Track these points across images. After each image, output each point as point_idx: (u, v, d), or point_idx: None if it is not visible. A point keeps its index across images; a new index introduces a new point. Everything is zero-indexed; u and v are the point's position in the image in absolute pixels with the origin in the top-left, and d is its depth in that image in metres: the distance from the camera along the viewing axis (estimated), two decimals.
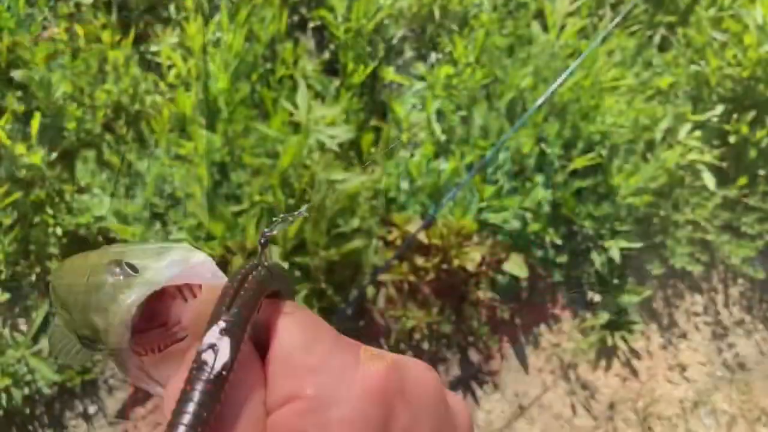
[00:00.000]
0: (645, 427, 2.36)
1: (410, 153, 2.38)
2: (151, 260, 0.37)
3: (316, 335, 0.32)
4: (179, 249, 0.38)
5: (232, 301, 0.31)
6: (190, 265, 0.36)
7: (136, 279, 0.35)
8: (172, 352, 0.36)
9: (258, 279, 0.33)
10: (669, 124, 2.49)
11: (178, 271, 0.36)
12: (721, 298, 2.66)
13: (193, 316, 0.36)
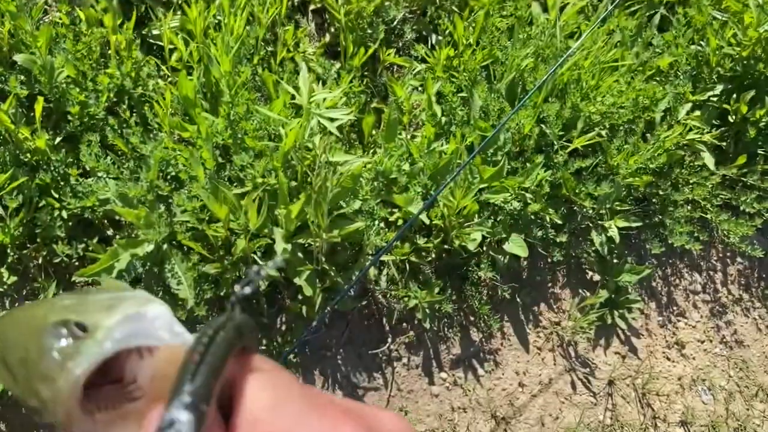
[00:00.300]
0: (644, 403, 2.40)
1: (411, 135, 2.39)
2: (101, 315, 0.34)
3: (285, 397, 0.30)
4: (132, 300, 0.35)
5: (197, 369, 0.29)
6: (145, 321, 0.34)
7: (84, 344, 0.32)
8: (128, 412, 0.34)
9: (226, 342, 0.31)
10: (669, 104, 2.50)
11: (132, 329, 0.33)
12: (719, 276, 2.68)
13: (150, 375, 0.34)
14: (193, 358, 0.29)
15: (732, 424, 2.46)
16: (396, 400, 2.19)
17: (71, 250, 1.94)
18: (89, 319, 0.33)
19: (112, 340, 0.32)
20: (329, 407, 0.30)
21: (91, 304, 0.35)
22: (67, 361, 0.32)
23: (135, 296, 0.36)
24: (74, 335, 0.33)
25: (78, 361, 0.31)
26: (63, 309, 0.35)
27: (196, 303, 1.94)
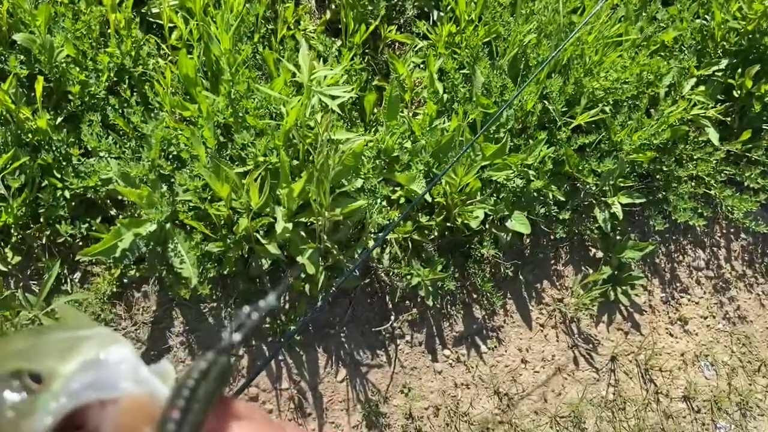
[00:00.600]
0: (646, 378, 2.41)
1: (413, 112, 2.38)
2: (58, 362, 0.31)
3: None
4: (92, 342, 0.32)
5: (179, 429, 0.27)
6: (107, 368, 0.31)
7: (39, 398, 0.29)
8: None
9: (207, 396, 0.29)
10: (673, 79, 2.47)
11: (91, 379, 0.30)
12: (723, 252, 2.68)
13: (113, 427, 0.31)
14: (172, 415, 0.27)
15: (734, 399, 2.47)
16: (399, 377, 2.20)
17: (74, 230, 1.95)
18: (44, 366, 0.30)
19: (70, 392, 0.29)
20: None
21: (47, 347, 0.32)
22: (20, 419, 0.29)
23: (95, 335, 0.33)
24: (28, 388, 0.30)
25: (33, 421, 0.28)
26: (15, 355, 0.31)
27: (200, 282, 1.94)
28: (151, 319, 2.04)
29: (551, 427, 2.28)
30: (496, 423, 2.24)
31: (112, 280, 2.01)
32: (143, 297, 2.06)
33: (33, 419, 0.28)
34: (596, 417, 2.32)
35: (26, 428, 0.28)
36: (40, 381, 0.30)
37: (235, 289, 2.08)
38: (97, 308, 1.97)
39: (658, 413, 2.39)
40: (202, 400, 0.28)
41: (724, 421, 2.44)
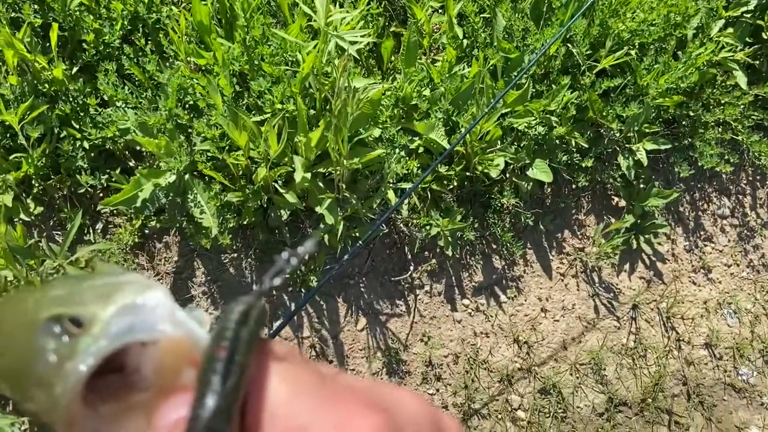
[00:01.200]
0: (668, 326, 2.40)
1: (431, 59, 2.33)
2: (96, 306, 0.31)
3: (302, 388, 0.29)
4: (129, 287, 0.33)
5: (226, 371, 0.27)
6: (145, 312, 0.31)
7: (81, 341, 0.30)
8: (133, 404, 0.31)
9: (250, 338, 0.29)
10: (701, 21, 2.38)
11: (131, 322, 0.31)
12: (748, 200, 2.62)
13: (154, 367, 0.32)
14: (218, 353, 0.28)
15: (757, 346, 2.45)
16: (419, 326, 2.21)
17: (95, 180, 1.95)
18: (84, 312, 0.31)
19: (110, 335, 0.30)
20: (346, 397, 0.29)
21: (85, 293, 0.33)
22: (64, 362, 0.29)
23: (132, 282, 0.33)
24: (69, 332, 0.30)
25: (75, 362, 0.29)
26: (54, 301, 0.32)
27: (220, 232, 1.95)
28: (174, 269, 2.06)
29: (571, 374, 2.29)
30: (515, 370, 2.25)
31: (134, 230, 2.02)
32: (165, 247, 2.07)
33: (75, 361, 0.29)
34: (616, 364, 2.33)
35: (69, 370, 0.29)
36: (81, 325, 0.30)
37: (254, 239, 2.09)
38: (120, 258, 1.98)
39: (680, 360, 2.39)
40: (245, 340, 0.29)
41: (746, 368, 2.43)
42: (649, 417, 2.31)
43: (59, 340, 0.30)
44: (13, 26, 1.90)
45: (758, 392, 2.42)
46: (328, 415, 0.28)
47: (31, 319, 0.31)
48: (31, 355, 0.30)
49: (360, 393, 0.30)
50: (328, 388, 0.29)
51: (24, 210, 1.94)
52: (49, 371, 0.29)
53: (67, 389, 0.29)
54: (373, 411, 0.28)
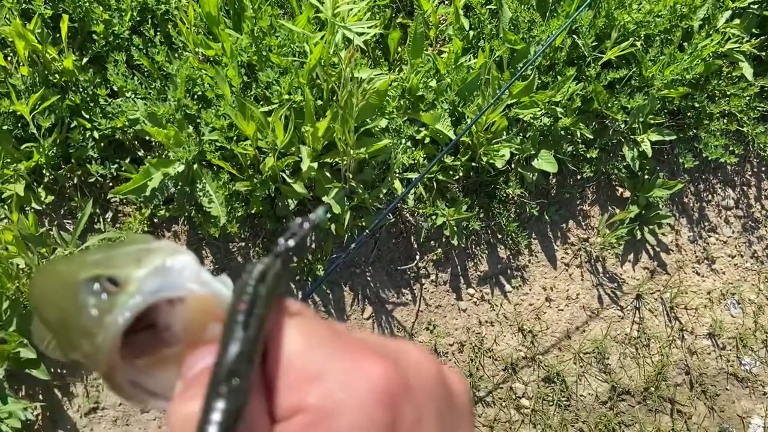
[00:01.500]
0: (671, 316, 2.42)
1: (438, 50, 2.34)
2: (131, 268, 0.35)
3: (316, 342, 0.31)
4: (160, 252, 0.36)
5: (247, 321, 0.30)
6: (173, 273, 0.35)
7: (118, 297, 0.34)
8: (165, 357, 0.35)
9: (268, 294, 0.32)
10: (707, 12, 2.38)
11: (161, 282, 0.34)
12: (753, 191, 2.63)
13: (183, 323, 0.35)
14: (239, 307, 0.30)
15: (760, 336, 2.47)
16: (424, 314, 2.24)
17: (105, 170, 1.98)
18: (120, 273, 0.35)
19: (143, 292, 0.34)
20: (357, 347, 0.31)
21: (120, 258, 0.36)
22: (104, 315, 0.33)
23: (162, 247, 0.37)
24: (107, 290, 0.34)
25: (114, 315, 0.33)
26: (93, 264, 0.36)
27: (228, 221, 1.98)
28: None
29: (575, 363, 2.31)
30: (519, 359, 2.27)
31: (143, 219, 2.05)
32: (174, 236, 2.10)
33: (113, 314, 0.33)
34: (620, 353, 2.35)
35: (108, 322, 0.33)
36: (117, 285, 0.34)
37: (262, 228, 2.11)
38: None
39: (683, 350, 2.41)
40: (263, 296, 0.31)
41: (749, 358, 2.45)
42: (651, 406, 2.33)
43: (99, 297, 0.34)
44: (24, 17, 1.93)
45: (761, 382, 2.43)
46: (339, 363, 0.30)
47: (74, 279, 0.35)
48: (76, 310, 0.34)
49: (369, 344, 0.32)
50: (341, 340, 0.32)
51: (35, 199, 1.97)
52: (91, 323, 0.33)
53: (108, 338, 0.33)
54: (380, 358, 0.30)
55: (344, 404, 0.28)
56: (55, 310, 0.37)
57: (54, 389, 1.96)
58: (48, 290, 0.39)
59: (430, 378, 0.33)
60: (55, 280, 0.39)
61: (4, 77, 1.87)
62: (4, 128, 1.89)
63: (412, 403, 0.30)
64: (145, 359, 0.35)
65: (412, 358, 0.33)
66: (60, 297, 0.37)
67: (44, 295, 0.40)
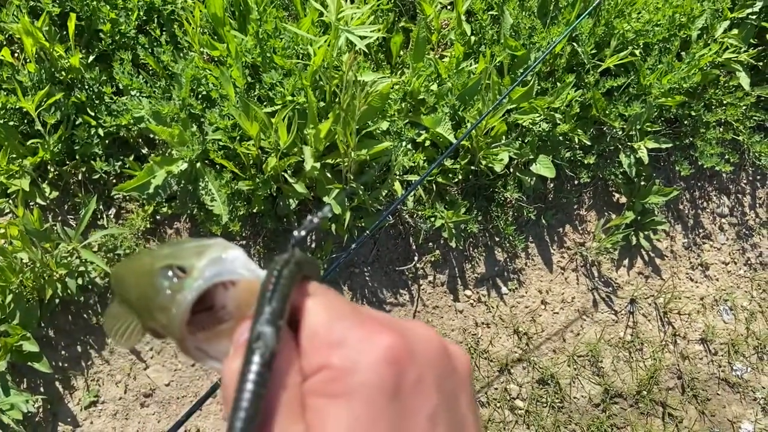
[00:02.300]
0: (665, 321, 2.46)
1: (439, 54, 2.37)
2: (194, 259, 0.44)
3: (337, 314, 0.38)
4: (216, 247, 0.45)
5: (272, 296, 0.37)
6: (227, 262, 0.44)
7: (186, 281, 0.43)
8: (221, 331, 0.43)
9: (290, 274, 0.39)
10: (706, 22, 2.42)
11: (218, 269, 0.43)
12: (748, 199, 2.67)
13: (235, 303, 0.44)
14: (268, 287, 0.38)
15: (752, 342, 2.50)
16: (421, 315, 2.27)
17: (109, 166, 2.01)
18: (186, 263, 0.44)
19: (205, 277, 0.42)
20: (371, 321, 0.38)
21: (185, 251, 0.46)
22: (176, 294, 0.42)
23: (217, 243, 0.46)
24: (177, 276, 0.43)
25: (184, 294, 0.42)
26: (165, 257, 0.45)
27: (230, 219, 2.00)
28: None
29: (569, 365, 2.34)
30: (515, 360, 2.31)
31: (146, 216, 2.08)
32: (176, 233, 2.13)
33: (183, 293, 0.42)
34: (613, 356, 2.38)
35: (179, 299, 0.42)
36: (185, 272, 0.43)
37: (263, 227, 2.14)
38: (132, 243, 2.04)
39: (675, 354, 2.44)
40: (286, 276, 0.39)
41: (740, 364, 2.48)
42: (643, 409, 2.37)
43: (171, 280, 0.44)
44: (32, 15, 1.95)
45: (752, 387, 2.47)
46: (356, 332, 0.37)
47: (151, 268, 0.45)
48: (154, 291, 0.44)
49: (382, 319, 0.39)
50: (358, 315, 0.39)
51: (40, 194, 1.99)
52: (166, 300, 0.43)
53: (180, 311, 0.42)
54: (389, 330, 0.37)
55: (359, 364, 0.35)
56: (136, 291, 0.47)
57: (55, 382, 1.98)
58: (129, 277, 0.49)
59: (432, 348, 0.39)
60: (135, 269, 0.49)
61: (11, 74, 1.90)
62: (11, 124, 1.92)
63: (414, 366, 0.36)
64: (205, 333, 0.44)
65: (418, 332, 0.39)
66: (140, 281, 0.46)
67: (126, 281, 0.50)
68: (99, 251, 2.02)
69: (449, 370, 0.40)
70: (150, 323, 0.46)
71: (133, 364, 2.05)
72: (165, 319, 0.43)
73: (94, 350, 2.04)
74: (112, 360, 2.04)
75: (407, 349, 0.37)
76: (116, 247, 2.03)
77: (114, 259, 2.03)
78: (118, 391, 2.03)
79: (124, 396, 2.03)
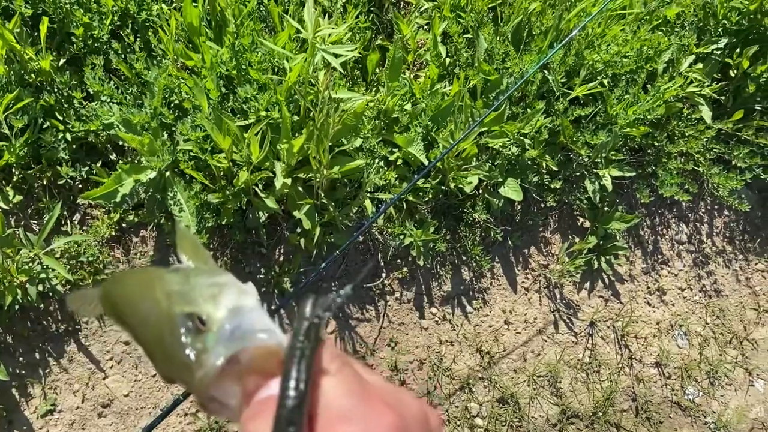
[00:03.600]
0: (622, 344, 2.52)
1: (414, 74, 2.40)
2: (212, 307, 0.46)
3: (348, 389, 0.43)
4: (230, 292, 0.48)
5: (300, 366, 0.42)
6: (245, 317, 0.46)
7: (209, 338, 0.45)
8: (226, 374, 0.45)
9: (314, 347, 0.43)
10: (672, 56, 2.50)
11: (236, 324, 0.46)
12: (705, 228, 2.76)
13: (249, 358, 0.45)
14: (295, 356, 0.42)
15: (705, 367, 2.59)
16: (387, 331, 2.29)
17: (75, 172, 1.98)
18: (202, 311, 0.46)
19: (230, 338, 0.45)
20: (375, 397, 0.43)
21: (199, 291, 0.48)
22: (200, 355, 0.44)
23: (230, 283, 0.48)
24: (198, 329, 0.45)
25: (210, 359, 0.44)
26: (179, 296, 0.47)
27: (198, 230, 1.99)
28: (149, 263, 2.09)
29: (528, 385, 2.39)
30: (476, 379, 2.34)
31: (111, 223, 2.05)
32: (141, 242, 2.10)
33: (209, 357, 0.44)
34: (571, 378, 2.44)
35: (206, 363, 0.44)
36: (204, 323, 0.45)
37: (231, 239, 2.13)
38: (96, 250, 2.01)
39: (631, 377, 2.51)
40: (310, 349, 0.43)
41: (692, 388, 2.56)
42: (598, 430, 2.42)
43: (192, 333, 0.45)
44: (2, 16, 1.91)
45: (702, 412, 2.55)
46: (363, 409, 0.42)
47: (169, 311, 0.47)
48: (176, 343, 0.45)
49: (383, 394, 0.44)
50: (365, 391, 0.44)
51: (3, 198, 1.95)
52: (190, 359, 0.44)
53: (207, 377, 0.44)
54: (391, 409, 0.42)
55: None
56: (152, 333, 0.48)
57: (12, 389, 1.94)
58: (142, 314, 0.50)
59: (420, 419, 0.45)
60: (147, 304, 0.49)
61: None
62: None
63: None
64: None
65: (410, 408, 0.45)
66: (159, 325, 0.47)
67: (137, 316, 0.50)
68: (61, 258, 1.99)
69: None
70: (166, 371, 0.47)
71: (92, 374, 2.02)
72: (189, 377, 0.45)
73: (53, 358, 2.00)
74: (71, 368, 2.01)
75: (404, 426, 0.42)
76: (79, 254, 2.00)
77: (77, 266, 1.99)
78: (75, 401, 2.00)
79: (82, 405, 2.00)
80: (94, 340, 2.03)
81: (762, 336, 2.74)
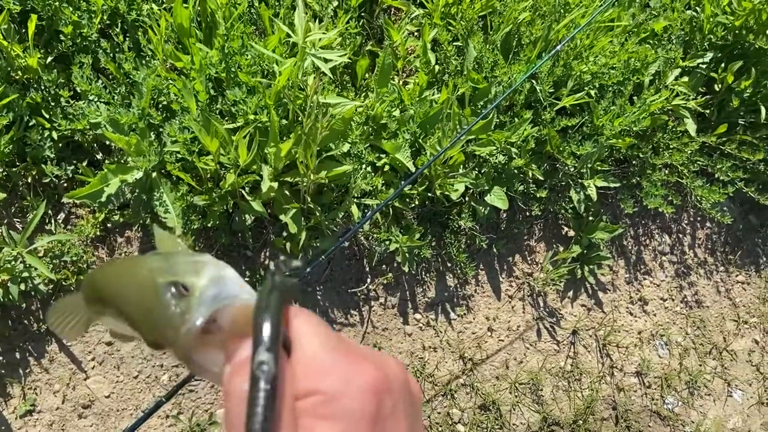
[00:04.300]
0: (603, 353, 2.55)
1: (403, 81, 2.41)
2: (194, 278, 0.48)
3: (327, 344, 0.44)
4: (211, 265, 0.49)
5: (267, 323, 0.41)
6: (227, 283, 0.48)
7: (192, 300, 0.46)
8: (209, 341, 0.46)
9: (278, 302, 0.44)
10: (659, 68, 2.53)
11: (220, 291, 0.47)
12: (688, 239, 2.80)
13: (228, 320, 0.46)
14: (261, 315, 0.42)
15: (684, 377, 2.62)
16: (371, 336, 2.29)
17: (60, 171, 1.96)
18: (186, 280, 0.47)
19: (207, 300, 0.46)
20: (356, 354, 0.43)
21: (180, 266, 0.49)
22: (185, 315, 0.45)
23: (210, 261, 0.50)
24: (181, 293, 0.46)
25: (193, 316, 0.45)
26: (163, 271, 0.49)
27: (184, 232, 1.99)
28: None
29: (510, 392, 2.40)
30: (459, 385, 2.35)
31: (96, 223, 2.04)
32: (126, 242, 2.09)
33: (192, 315, 0.45)
34: (553, 386, 2.46)
35: (189, 320, 0.45)
36: (186, 289, 0.47)
37: (217, 241, 2.13)
38: (80, 250, 2.00)
39: (611, 386, 2.53)
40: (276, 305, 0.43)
41: (672, 398, 2.59)
42: None
43: (177, 298, 0.47)
44: None
45: (681, 421, 2.58)
46: (344, 364, 0.42)
47: (153, 282, 0.48)
48: (162, 307, 0.47)
49: (364, 352, 0.45)
50: (345, 347, 0.44)
51: None
52: (176, 319, 0.46)
53: (191, 332, 0.45)
54: (372, 365, 0.43)
55: (345, 392, 0.40)
56: (137, 303, 0.50)
57: None
58: (126, 287, 0.51)
59: (401, 381, 0.45)
60: (132, 279, 0.51)
61: None
62: None
63: (391, 397, 0.42)
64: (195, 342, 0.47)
65: (391, 365, 0.45)
66: (143, 294, 0.49)
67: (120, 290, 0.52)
68: (45, 257, 1.97)
69: (411, 399, 0.46)
70: (152, 336, 0.48)
71: (73, 374, 2.01)
72: (173, 335, 0.46)
73: (33, 358, 1.98)
74: (52, 368, 1.99)
75: (386, 381, 0.43)
76: (63, 254, 1.98)
77: (60, 265, 1.98)
78: (55, 401, 1.98)
79: (62, 406, 1.98)
80: (76, 341, 2.02)
81: (741, 347, 2.77)
